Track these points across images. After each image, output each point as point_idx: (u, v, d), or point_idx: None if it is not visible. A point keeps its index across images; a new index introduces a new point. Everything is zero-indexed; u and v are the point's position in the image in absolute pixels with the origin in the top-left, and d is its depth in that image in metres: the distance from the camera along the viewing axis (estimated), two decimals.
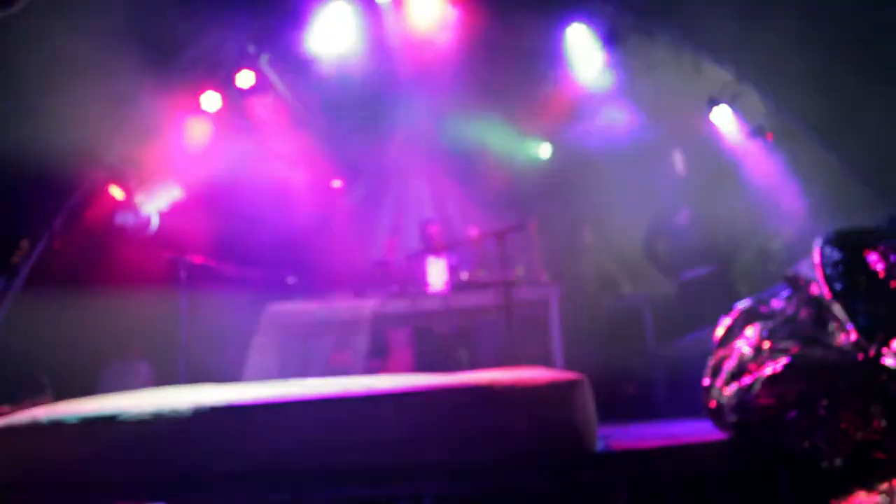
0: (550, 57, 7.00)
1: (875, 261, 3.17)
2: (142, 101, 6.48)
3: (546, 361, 5.19)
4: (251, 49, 6.60)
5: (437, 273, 6.80)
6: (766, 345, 3.33)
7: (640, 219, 7.15)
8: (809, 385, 3.05)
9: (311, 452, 3.19)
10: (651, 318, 6.65)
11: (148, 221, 6.57)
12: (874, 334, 3.04)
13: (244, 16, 6.48)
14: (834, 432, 2.95)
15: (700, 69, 6.50)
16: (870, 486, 2.87)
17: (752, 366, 3.29)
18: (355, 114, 7.94)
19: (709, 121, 6.74)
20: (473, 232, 6.76)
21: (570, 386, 3.18)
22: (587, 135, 7.56)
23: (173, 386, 4.24)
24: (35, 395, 5.48)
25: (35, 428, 3.31)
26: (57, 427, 3.30)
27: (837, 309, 3.17)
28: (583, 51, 6.80)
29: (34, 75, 5.47)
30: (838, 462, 2.96)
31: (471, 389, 3.25)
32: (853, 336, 3.08)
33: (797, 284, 3.48)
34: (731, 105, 6.58)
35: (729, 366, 3.42)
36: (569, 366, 4.99)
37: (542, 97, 7.62)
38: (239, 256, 5.93)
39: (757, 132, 6.44)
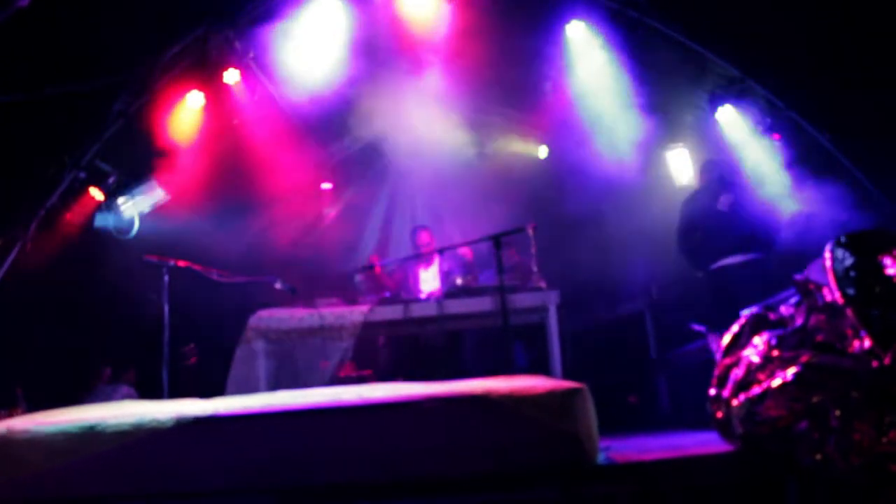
0: (549, 55, 6.90)
1: (889, 265, 3.06)
2: (124, 99, 6.37)
3: (544, 370, 5.09)
4: (238, 46, 6.49)
5: (428, 279, 6.69)
6: (776, 353, 3.25)
7: (641, 220, 7.00)
8: (821, 395, 2.98)
9: (299, 465, 3.10)
10: (653, 325, 6.55)
11: (129, 224, 6.44)
12: (889, 341, 2.94)
13: (231, 13, 6.39)
14: (847, 444, 2.87)
15: (705, 66, 6.41)
16: (885, 501, 2.77)
17: (760, 375, 3.20)
18: (346, 114, 7.83)
19: (714, 118, 6.61)
20: (462, 247, 6.63)
21: (570, 395, 3.10)
22: (587, 134, 7.44)
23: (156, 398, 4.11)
24: (9, 407, 5.33)
25: (9, 440, 3.19)
26: (33, 439, 3.19)
27: (850, 315, 3.06)
28: (583, 48, 6.69)
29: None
30: (852, 475, 2.85)
31: (466, 399, 3.16)
32: (867, 343, 2.98)
33: (806, 290, 3.38)
34: (736, 103, 6.46)
35: (736, 375, 3.34)
36: (568, 374, 4.89)
37: (540, 97, 7.51)
38: (224, 260, 5.79)
39: (763, 131, 6.33)
